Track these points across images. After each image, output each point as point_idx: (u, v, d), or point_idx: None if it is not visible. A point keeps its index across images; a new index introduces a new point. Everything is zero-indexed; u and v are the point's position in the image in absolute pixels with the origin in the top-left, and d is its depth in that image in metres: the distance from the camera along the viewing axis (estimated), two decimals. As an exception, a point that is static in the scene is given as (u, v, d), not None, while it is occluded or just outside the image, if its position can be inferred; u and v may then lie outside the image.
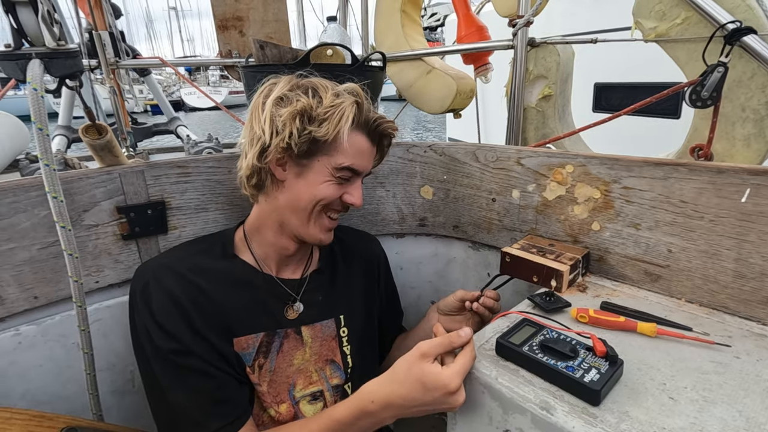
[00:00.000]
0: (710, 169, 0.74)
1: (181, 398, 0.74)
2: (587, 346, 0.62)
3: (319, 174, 0.79)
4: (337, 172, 0.79)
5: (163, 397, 0.75)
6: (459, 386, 0.61)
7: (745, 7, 0.95)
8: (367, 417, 0.67)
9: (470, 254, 1.22)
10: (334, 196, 0.81)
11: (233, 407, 0.76)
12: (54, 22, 0.68)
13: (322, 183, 0.80)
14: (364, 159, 0.82)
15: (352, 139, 0.78)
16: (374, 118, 0.81)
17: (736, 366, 0.62)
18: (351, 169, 0.80)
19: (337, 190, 0.81)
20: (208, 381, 0.75)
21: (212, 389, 0.75)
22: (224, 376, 0.77)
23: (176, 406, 0.74)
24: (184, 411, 0.74)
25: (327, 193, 0.80)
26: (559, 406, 0.55)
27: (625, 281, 0.88)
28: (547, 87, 1.32)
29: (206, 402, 0.74)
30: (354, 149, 0.80)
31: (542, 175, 0.97)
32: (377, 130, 0.83)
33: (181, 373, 0.74)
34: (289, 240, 0.87)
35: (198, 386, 0.75)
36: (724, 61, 0.87)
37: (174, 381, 0.74)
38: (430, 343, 0.63)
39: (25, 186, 0.81)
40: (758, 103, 0.97)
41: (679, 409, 0.54)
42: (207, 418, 0.73)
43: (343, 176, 0.81)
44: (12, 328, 0.85)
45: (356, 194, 0.83)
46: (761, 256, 0.70)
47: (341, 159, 0.79)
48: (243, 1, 1.73)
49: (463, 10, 1.60)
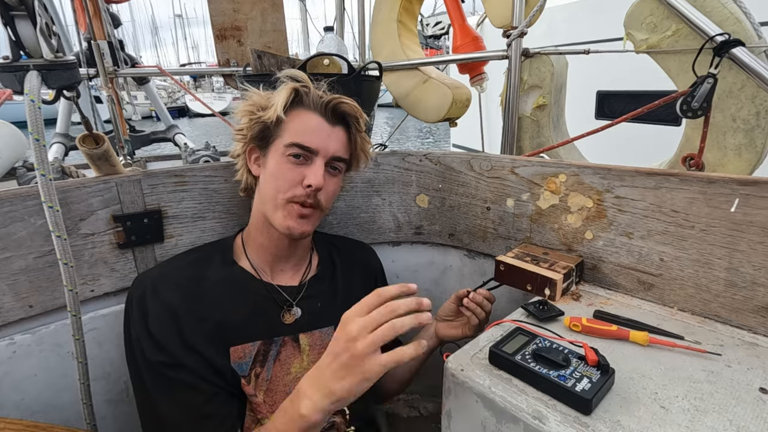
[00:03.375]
0: (701, 179, 0.75)
1: (168, 410, 0.74)
2: (579, 355, 0.62)
3: (275, 158, 0.83)
4: (287, 150, 0.81)
5: (151, 408, 0.75)
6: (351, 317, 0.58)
7: (733, 20, 0.96)
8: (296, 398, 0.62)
9: (466, 262, 1.23)
10: (292, 182, 0.81)
11: (220, 422, 0.75)
12: (52, 34, 0.69)
13: (279, 169, 0.82)
14: (317, 136, 0.82)
15: (300, 118, 0.83)
16: (327, 98, 0.84)
17: (727, 375, 0.62)
18: (300, 145, 0.81)
19: (293, 174, 0.81)
20: (196, 395, 0.75)
21: (200, 404, 0.74)
22: (213, 389, 0.76)
23: (163, 417, 0.74)
24: (171, 423, 0.74)
25: (283, 180, 0.82)
26: (551, 416, 0.56)
27: (618, 290, 0.88)
28: (542, 97, 1.33)
29: (193, 415, 0.74)
30: (303, 127, 0.82)
31: (536, 184, 0.98)
32: (329, 107, 0.84)
33: (170, 386, 0.74)
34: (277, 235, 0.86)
35: (185, 400, 0.74)
36: (714, 72, 0.89)
37: (162, 393, 0.74)
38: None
39: (21, 195, 0.81)
40: (748, 113, 0.98)
41: (670, 418, 0.55)
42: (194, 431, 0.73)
43: (294, 153, 0.81)
44: (7, 338, 0.85)
45: (313, 174, 0.81)
46: (752, 266, 0.71)
47: (289, 137, 0.82)
48: (241, 12, 1.75)
49: (458, 20, 1.61)
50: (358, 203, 1.21)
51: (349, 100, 0.85)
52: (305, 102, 0.83)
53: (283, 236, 0.86)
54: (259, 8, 1.76)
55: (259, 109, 0.83)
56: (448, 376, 0.67)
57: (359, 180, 1.19)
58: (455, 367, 0.66)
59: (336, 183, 0.88)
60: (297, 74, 0.85)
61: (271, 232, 0.87)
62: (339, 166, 0.88)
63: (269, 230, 0.87)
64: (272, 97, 0.82)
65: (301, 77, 0.85)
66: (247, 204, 1.02)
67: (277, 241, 0.88)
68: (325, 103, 0.83)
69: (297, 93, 0.82)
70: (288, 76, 0.85)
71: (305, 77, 0.85)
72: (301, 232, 0.84)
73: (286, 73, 0.85)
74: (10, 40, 0.67)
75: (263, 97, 0.84)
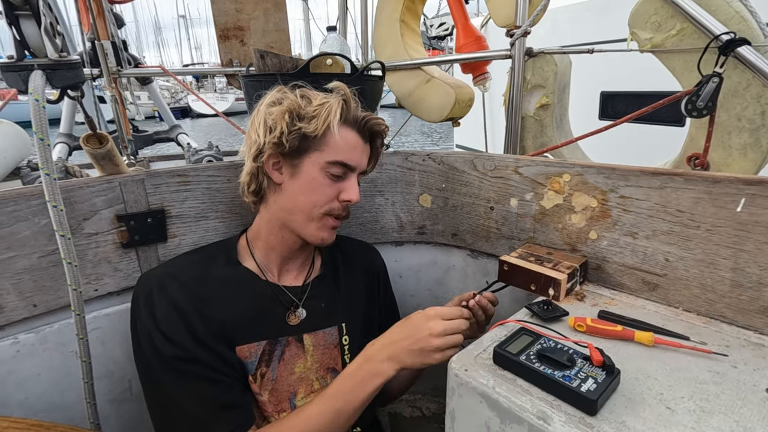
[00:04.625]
0: (706, 179, 0.74)
1: (187, 404, 0.74)
2: (584, 356, 0.62)
3: (311, 172, 0.81)
4: (329, 167, 0.81)
5: (166, 403, 0.75)
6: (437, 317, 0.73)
7: (739, 19, 0.96)
8: (368, 362, 0.75)
9: (469, 262, 1.22)
10: (330, 196, 0.82)
11: (240, 412, 0.77)
12: (56, 34, 0.69)
13: (316, 183, 0.81)
14: (355, 154, 0.83)
15: (342, 134, 0.81)
16: (363, 116, 0.84)
17: (733, 375, 0.62)
18: (343, 164, 0.81)
19: (332, 189, 0.82)
20: (213, 386, 0.76)
21: (218, 394, 0.75)
22: (230, 380, 0.78)
23: (180, 412, 0.74)
24: (189, 417, 0.74)
25: (322, 194, 0.82)
26: (556, 416, 0.55)
27: (623, 290, 0.88)
28: (545, 96, 1.33)
29: (212, 407, 0.74)
30: (345, 144, 0.81)
31: (540, 183, 0.97)
32: (366, 126, 0.84)
33: (186, 379, 0.75)
34: (292, 236, 0.87)
35: (204, 392, 0.75)
36: (719, 71, 0.88)
37: (178, 387, 0.75)
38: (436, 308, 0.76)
39: (26, 195, 0.81)
40: (754, 112, 0.98)
41: (676, 419, 0.54)
42: (213, 423, 0.73)
43: (335, 172, 0.81)
44: (11, 337, 0.85)
45: (352, 190, 0.83)
46: (758, 266, 0.71)
47: (332, 154, 0.81)
48: (244, 12, 1.75)
49: (461, 20, 1.61)
50: (361, 203, 1.21)
51: (380, 119, 0.86)
52: (348, 118, 0.82)
53: (300, 240, 0.88)
54: (261, 8, 1.77)
55: (298, 117, 0.79)
56: (452, 376, 0.66)
57: (362, 180, 1.19)
58: (459, 367, 0.66)
59: None
60: (341, 86, 0.83)
61: (286, 236, 0.87)
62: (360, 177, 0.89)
63: (284, 233, 0.87)
64: (316, 109, 0.79)
65: (345, 91, 0.82)
66: (250, 204, 1.02)
67: (291, 243, 0.89)
68: (362, 121, 0.84)
69: (344, 108, 0.81)
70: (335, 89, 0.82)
71: (348, 92, 0.83)
72: (331, 242, 0.87)
73: (334, 85, 0.83)
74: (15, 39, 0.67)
75: (299, 104, 0.79)
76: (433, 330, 0.71)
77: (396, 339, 0.74)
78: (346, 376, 0.76)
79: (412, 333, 0.73)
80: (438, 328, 0.71)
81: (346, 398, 0.74)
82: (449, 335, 0.72)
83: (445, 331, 0.71)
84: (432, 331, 0.71)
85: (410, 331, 0.73)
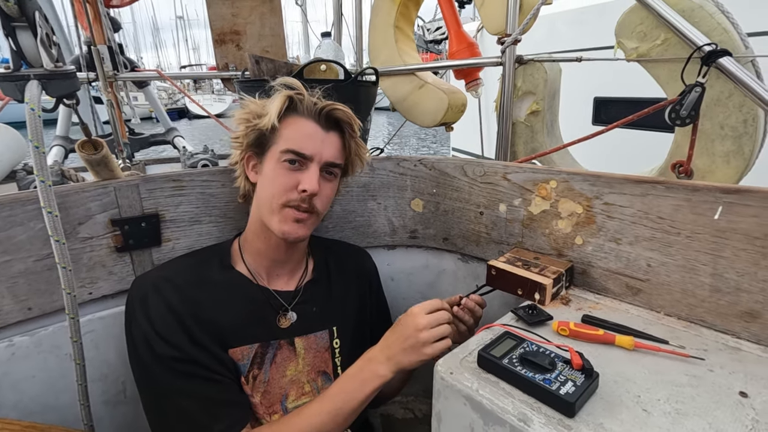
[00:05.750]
0: (686, 187, 0.76)
1: (184, 403, 0.76)
2: (565, 359, 0.64)
3: (270, 164, 0.85)
4: (282, 156, 0.83)
5: (163, 404, 0.77)
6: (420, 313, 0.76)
7: (721, 30, 0.98)
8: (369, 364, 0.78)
9: (460, 266, 1.24)
10: (286, 186, 0.83)
11: (237, 409, 0.78)
12: (52, 45, 0.70)
13: (274, 174, 0.84)
14: (311, 143, 0.84)
15: (294, 125, 0.84)
16: (320, 104, 0.85)
17: (709, 379, 0.64)
18: (294, 151, 0.83)
19: (288, 179, 0.83)
20: (210, 385, 0.77)
21: (215, 393, 0.77)
22: (227, 380, 0.80)
23: (178, 411, 0.76)
24: (187, 416, 0.75)
25: (278, 185, 0.83)
26: (536, 418, 0.57)
27: (607, 294, 0.90)
28: (535, 103, 1.35)
29: (209, 405, 0.76)
30: (298, 133, 0.84)
31: (527, 190, 0.99)
32: (323, 114, 0.85)
33: (183, 379, 0.76)
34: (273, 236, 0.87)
35: (202, 391, 0.77)
36: (702, 81, 0.91)
37: (175, 387, 0.76)
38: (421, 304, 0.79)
39: (21, 200, 0.82)
40: (736, 121, 1.00)
41: (652, 422, 0.56)
42: (211, 421, 0.75)
43: (289, 159, 0.83)
44: (6, 339, 0.86)
45: (307, 180, 0.83)
46: (735, 272, 0.73)
47: (284, 143, 0.83)
48: (240, 16, 1.77)
49: (454, 27, 1.63)
50: (354, 207, 1.23)
51: (343, 107, 0.86)
52: (299, 109, 0.85)
53: (281, 241, 0.87)
54: (257, 13, 1.78)
55: (255, 116, 0.85)
56: (438, 379, 0.68)
57: (355, 184, 1.21)
58: (444, 370, 0.68)
59: (331, 188, 0.90)
60: (291, 82, 0.87)
61: (269, 238, 0.88)
62: (334, 171, 0.89)
63: (267, 235, 0.88)
64: (267, 105, 0.84)
65: (295, 84, 0.86)
66: (244, 208, 1.03)
67: (275, 246, 0.90)
68: (318, 109, 0.85)
69: (291, 100, 0.84)
70: (282, 84, 0.86)
71: (299, 84, 0.86)
72: (297, 236, 0.85)
73: (281, 81, 0.87)
74: (12, 50, 0.69)
75: (259, 105, 0.86)
76: (418, 325, 0.75)
77: (391, 342, 0.78)
78: (347, 377, 0.79)
79: (402, 332, 0.76)
80: (423, 322, 0.75)
81: (346, 398, 0.76)
82: (435, 327, 0.75)
83: (429, 324, 0.75)
84: (417, 326, 0.75)
85: (400, 331, 0.77)
